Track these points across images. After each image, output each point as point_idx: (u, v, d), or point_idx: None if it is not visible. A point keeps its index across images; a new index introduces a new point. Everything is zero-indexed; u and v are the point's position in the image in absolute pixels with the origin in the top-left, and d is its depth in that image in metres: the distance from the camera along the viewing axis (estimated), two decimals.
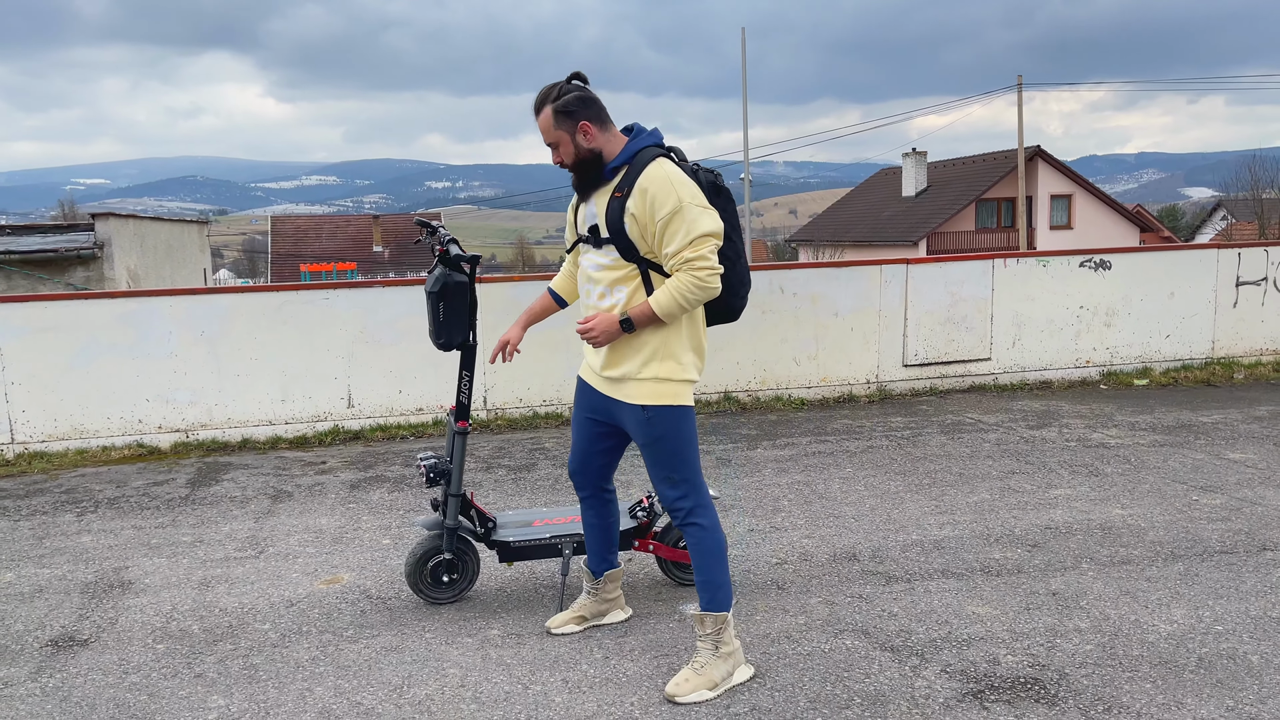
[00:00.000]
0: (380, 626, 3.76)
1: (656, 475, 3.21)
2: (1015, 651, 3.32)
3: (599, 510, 3.58)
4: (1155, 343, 8.54)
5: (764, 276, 7.81)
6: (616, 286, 3.15)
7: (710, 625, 3.18)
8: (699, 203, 3.02)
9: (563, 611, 3.70)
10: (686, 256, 2.99)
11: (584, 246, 3.29)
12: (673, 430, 3.16)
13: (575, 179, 3.20)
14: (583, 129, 3.09)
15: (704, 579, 3.18)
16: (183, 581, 4.33)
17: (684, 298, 3.01)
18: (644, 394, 3.14)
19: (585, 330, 3.15)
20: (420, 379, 7.35)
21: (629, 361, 3.16)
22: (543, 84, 3.22)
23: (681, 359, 3.15)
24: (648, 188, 3.02)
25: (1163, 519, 4.69)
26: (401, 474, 6.09)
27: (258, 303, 7.09)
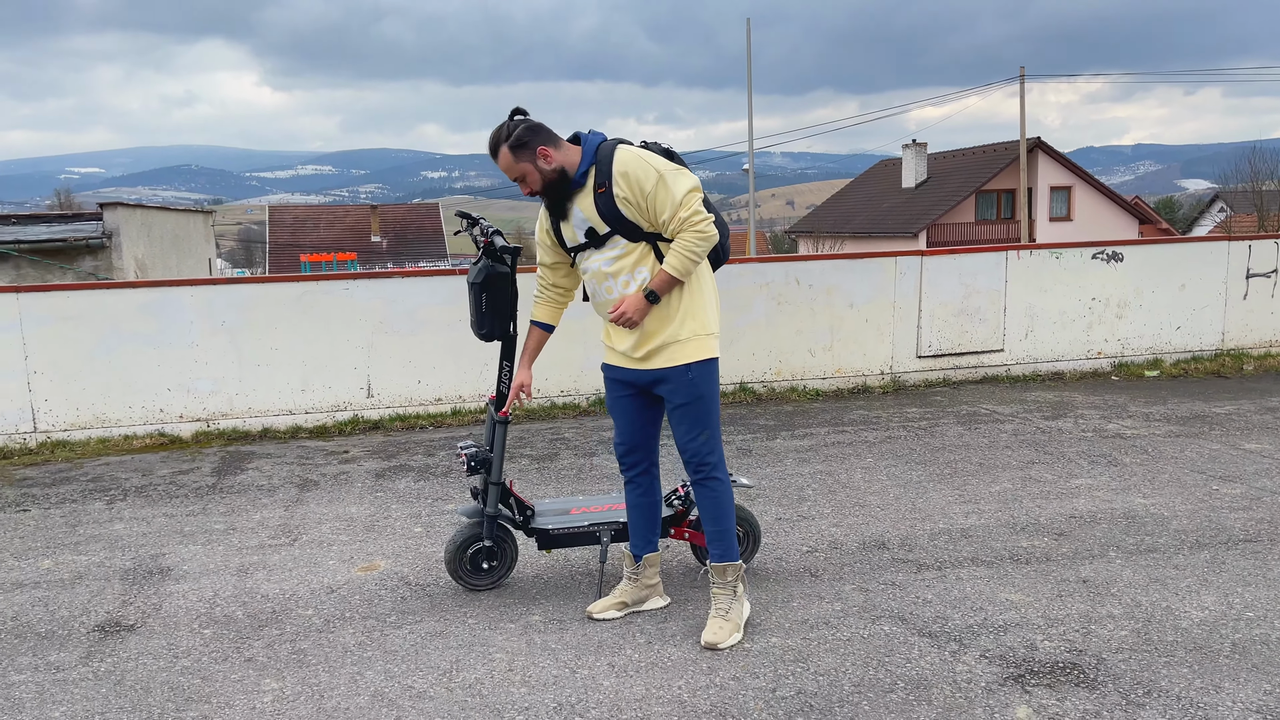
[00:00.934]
0: (422, 612, 3.82)
1: (689, 434, 3.44)
2: (1051, 637, 3.38)
3: (646, 488, 3.69)
4: (1166, 334, 8.61)
5: (780, 268, 7.86)
6: (637, 268, 3.38)
7: (731, 574, 3.50)
8: (671, 168, 3.30)
9: (604, 598, 3.76)
10: (682, 215, 3.26)
11: (585, 254, 3.48)
12: (710, 385, 3.43)
13: (548, 201, 3.43)
14: (541, 154, 3.33)
15: (720, 529, 3.49)
16: (221, 568, 4.38)
17: (692, 252, 3.27)
18: (688, 353, 3.39)
19: (619, 317, 3.35)
20: (439, 369, 7.39)
21: (665, 329, 3.39)
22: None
23: (708, 312, 3.43)
24: (626, 170, 3.27)
25: (1185, 508, 4.76)
26: (425, 463, 6.15)
27: (278, 293, 7.12)
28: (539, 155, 3.33)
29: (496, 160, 3.38)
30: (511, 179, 3.39)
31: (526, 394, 3.74)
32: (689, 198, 3.27)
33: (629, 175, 3.27)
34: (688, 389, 3.41)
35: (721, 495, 3.50)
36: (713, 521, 3.50)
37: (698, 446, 3.46)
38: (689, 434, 3.46)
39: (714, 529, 3.51)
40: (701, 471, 3.48)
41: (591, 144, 3.38)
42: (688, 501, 4.01)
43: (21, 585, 4.25)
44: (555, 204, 3.43)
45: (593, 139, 3.40)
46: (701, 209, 3.28)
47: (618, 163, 3.30)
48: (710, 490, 3.49)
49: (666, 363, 3.41)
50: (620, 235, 3.35)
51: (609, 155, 3.32)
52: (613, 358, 3.59)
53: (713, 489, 3.49)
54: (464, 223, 3.89)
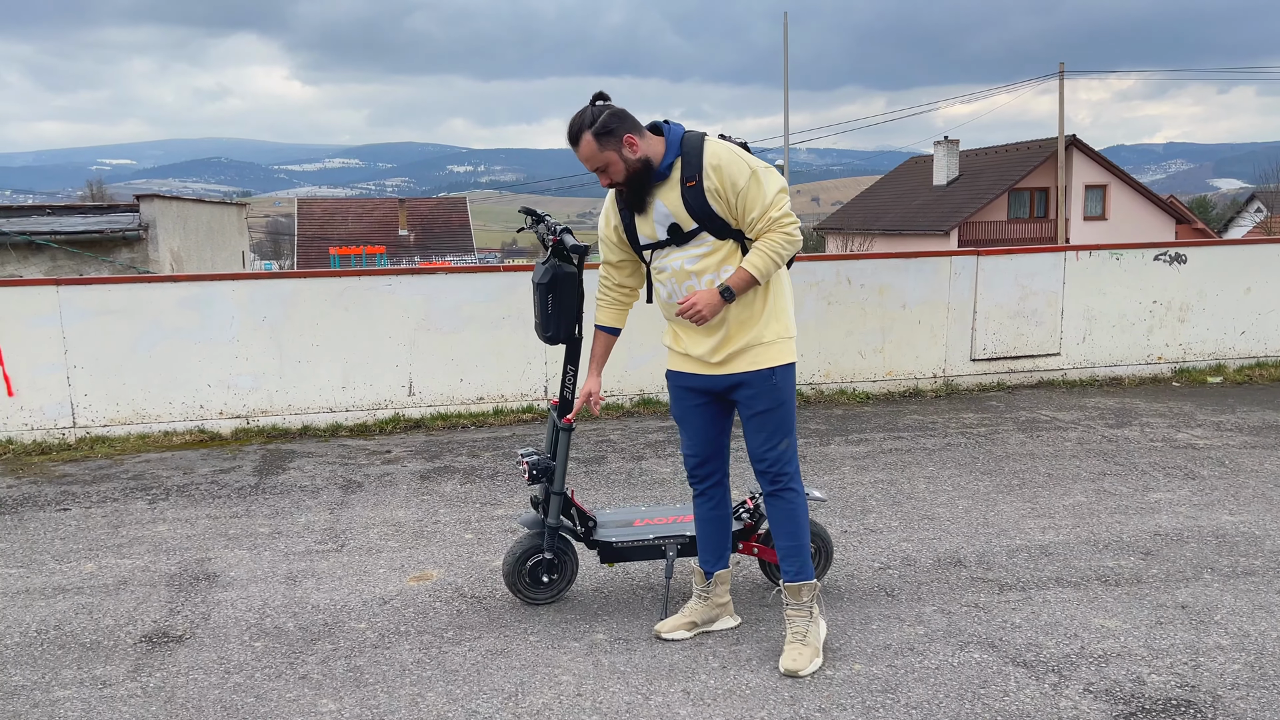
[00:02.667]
0: (480, 628, 3.64)
1: (766, 441, 3.26)
2: (1158, 670, 3.16)
3: (718, 501, 3.51)
4: (1230, 339, 8.31)
5: (830, 267, 7.63)
6: (723, 267, 3.19)
7: (806, 594, 3.30)
8: (761, 164, 3.13)
9: (671, 616, 3.57)
10: (772, 216, 3.10)
11: (663, 252, 3.27)
12: (791, 390, 3.30)
13: (629, 194, 3.21)
14: (628, 142, 3.13)
15: (794, 545, 3.29)
16: (269, 575, 4.22)
17: (777, 254, 3.12)
18: (771, 356, 3.23)
19: (689, 309, 3.15)
20: (481, 368, 7.23)
21: (747, 332, 3.23)
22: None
23: (788, 314, 3.30)
24: (719, 164, 3.09)
25: (1277, 527, 4.51)
26: (470, 465, 5.98)
27: (320, 288, 6.98)
28: (625, 144, 3.12)
29: (576, 148, 3.14)
30: (590, 169, 3.18)
31: (595, 404, 3.55)
32: (779, 197, 3.12)
33: (722, 169, 3.09)
34: (770, 394, 3.24)
35: (797, 508, 3.31)
36: (787, 537, 3.31)
37: (776, 455, 3.28)
38: (767, 442, 3.27)
39: (788, 544, 3.31)
40: (779, 482, 3.29)
41: (676, 134, 3.19)
42: (757, 515, 3.82)
43: (64, 590, 4.11)
44: (635, 198, 3.22)
45: (676, 129, 3.21)
46: (791, 212, 3.14)
47: (709, 155, 3.11)
48: (786, 502, 3.30)
49: (749, 366, 3.23)
50: (708, 232, 3.17)
51: (698, 147, 3.13)
52: (682, 363, 3.38)
53: (789, 500, 3.30)
54: (529, 219, 3.71)
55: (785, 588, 3.33)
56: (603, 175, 3.18)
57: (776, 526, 3.33)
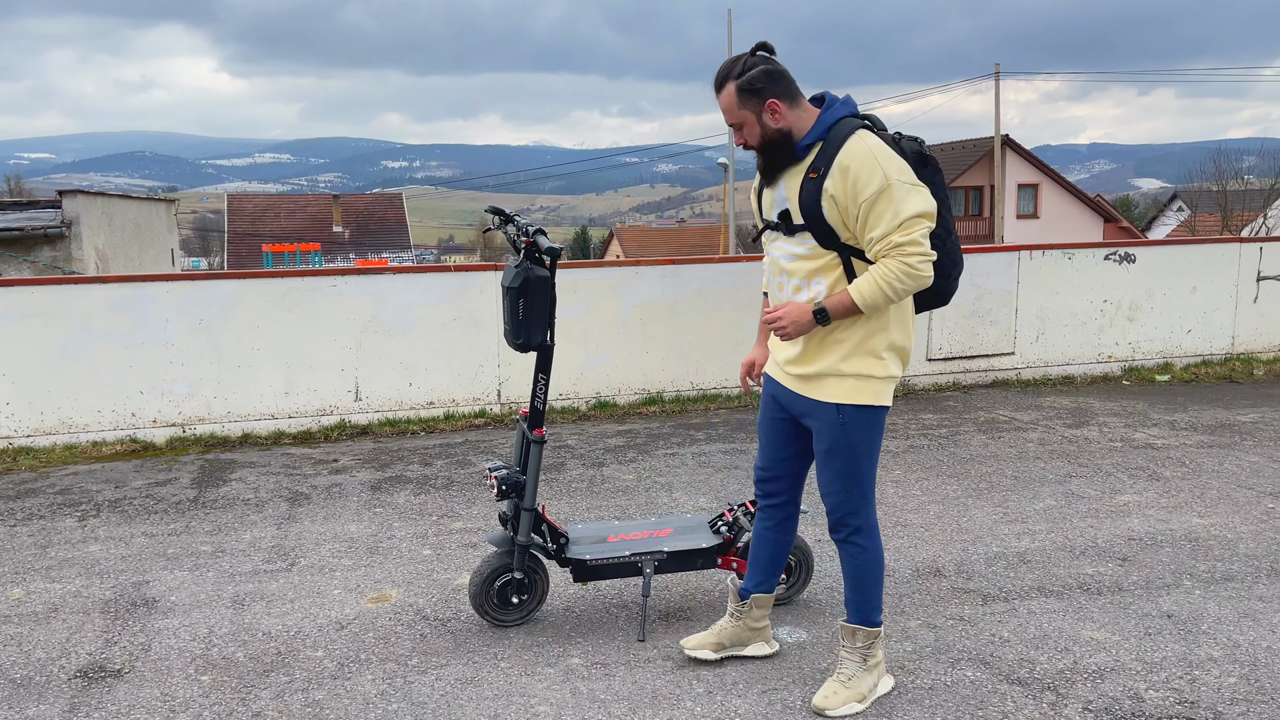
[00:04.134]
0: (446, 654, 3.43)
1: (832, 486, 2.94)
2: (1155, 685, 3.08)
3: (779, 522, 3.22)
4: (1177, 338, 8.41)
5: None
6: (814, 279, 2.85)
7: (862, 640, 3.00)
8: (907, 179, 2.71)
9: (702, 632, 3.35)
10: (895, 241, 2.68)
11: (772, 234, 2.96)
12: (865, 435, 2.89)
13: (761, 161, 2.89)
14: (770, 108, 2.77)
15: (859, 599, 3.00)
16: (213, 599, 3.95)
17: (890, 287, 2.70)
18: (842, 392, 2.85)
19: (773, 321, 2.82)
20: (432, 371, 6.97)
21: (828, 356, 2.87)
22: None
23: (886, 353, 2.87)
24: (849, 165, 2.70)
25: (1247, 529, 4.50)
26: (423, 474, 5.74)
27: (261, 290, 6.66)
28: (767, 108, 2.76)
29: (718, 95, 2.80)
30: (727, 123, 2.84)
31: (757, 374, 3.21)
32: (913, 223, 2.68)
33: (849, 171, 2.69)
34: (834, 433, 2.88)
35: (864, 563, 2.96)
36: (852, 589, 3.01)
37: (838, 502, 2.95)
38: (829, 484, 2.95)
39: (850, 595, 3.02)
40: (839, 531, 2.98)
41: (831, 116, 2.80)
42: (735, 528, 3.66)
43: None
44: (766, 168, 2.88)
45: (834, 111, 2.82)
46: (924, 243, 2.69)
47: (844, 152, 2.71)
48: (850, 555, 2.99)
49: (817, 395, 2.89)
50: (811, 234, 2.80)
51: (841, 138, 2.74)
52: (774, 369, 3.09)
53: (853, 555, 2.98)
54: (496, 219, 3.50)
55: (841, 626, 3.05)
56: (737, 133, 2.83)
57: (844, 572, 3.04)
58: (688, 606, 3.76)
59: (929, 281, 2.73)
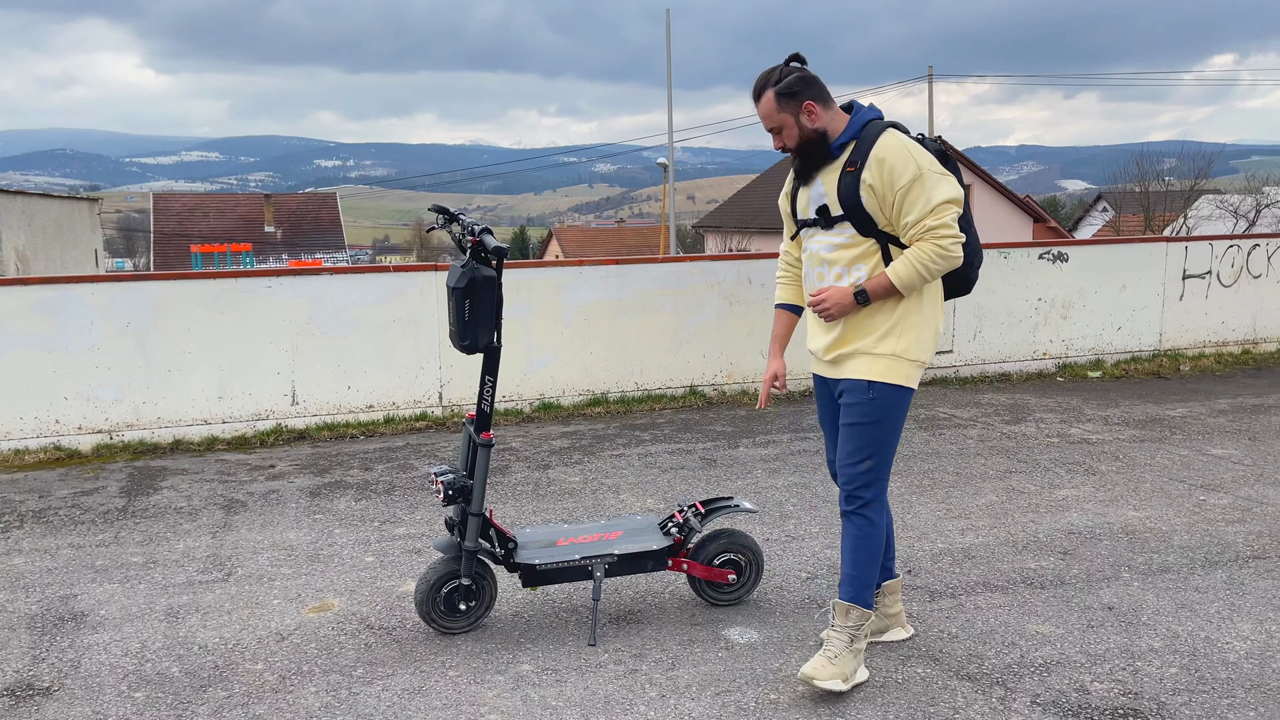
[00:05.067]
0: (392, 663, 3.34)
1: (849, 456, 3.06)
2: (1099, 677, 3.12)
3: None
4: (1108, 335, 8.61)
5: (732, 267, 7.55)
6: (855, 265, 3.04)
7: (854, 619, 3.09)
8: (937, 169, 2.94)
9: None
10: (929, 224, 2.90)
11: (809, 231, 3.14)
12: (891, 414, 3.05)
13: (798, 162, 3.09)
14: (807, 109, 3.00)
15: (856, 574, 3.09)
16: (145, 612, 3.81)
17: (924, 267, 2.92)
18: (875, 369, 3.03)
19: (818, 303, 3.00)
20: (371, 374, 6.84)
21: (861, 338, 3.05)
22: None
23: (919, 336, 3.05)
24: (884, 157, 2.92)
25: (1181, 521, 4.61)
26: (364, 479, 5.62)
27: (192, 291, 6.46)
28: (804, 110, 2.99)
29: (757, 104, 3.03)
30: (767, 128, 3.06)
31: (781, 385, 3.33)
32: (944, 208, 2.91)
33: (885, 162, 2.92)
34: (863, 409, 3.03)
35: (867, 537, 3.07)
36: (850, 564, 3.09)
37: (854, 474, 3.07)
38: (849, 457, 3.07)
39: (848, 572, 3.09)
40: (851, 503, 3.09)
41: (862, 118, 3.04)
42: (685, 529, 3.64)
43: None
44: (802, 169, 3.10)
45: (865, 113, 3.06)
46: (954, 226, 2.91)
47: (879, 145, 2.94)
48: (855, 527, 3.08)
49: (850, 373, 3.07)
50: (851, 223, 3.01)
51: (874, 135, 2.97)
52: (814, 364, 3.29)
53: (859, 527, 3.08)
54: (440, 218, 3.43)
55: (834, 604, 3.12)
56: (776, 137, 3.05)
57: (843, 548, 3.11)
58: (638, 609, 3.73)
59: (959, 262, 2.94)
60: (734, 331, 7.55)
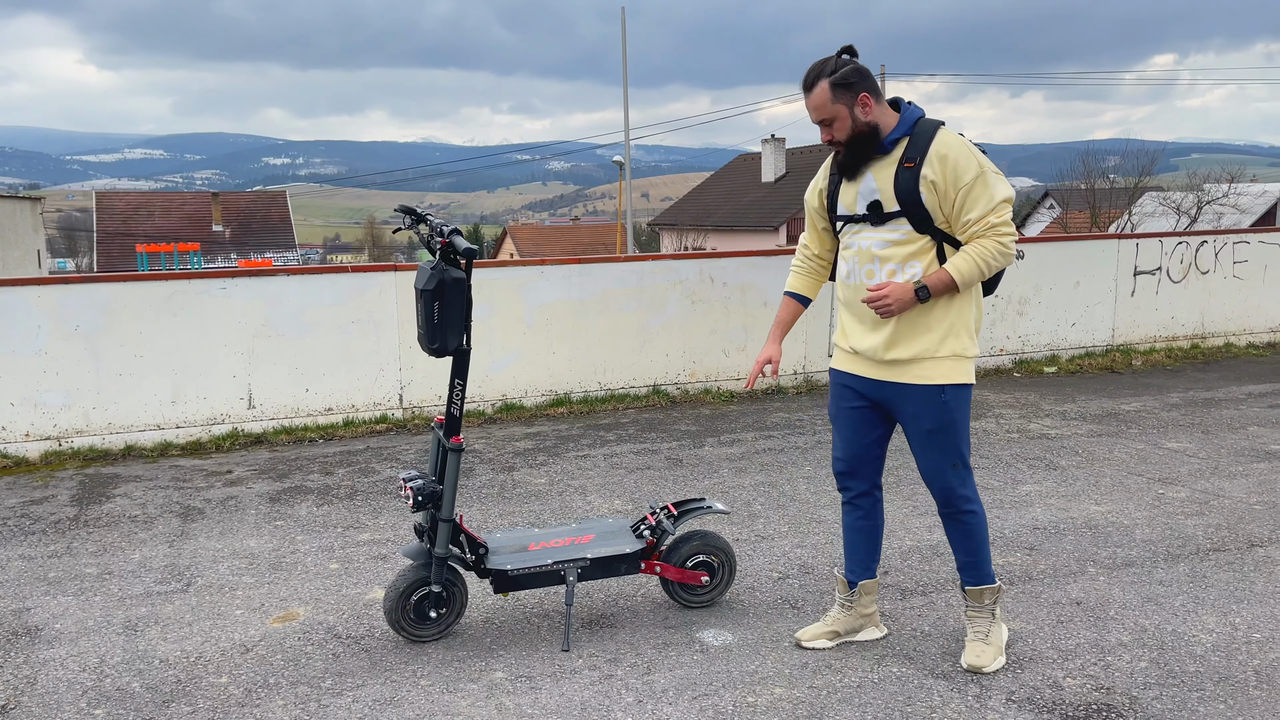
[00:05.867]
0: (362, 673, 3.28)
1: (938, 464, 3.09)
2: (1071, 673, 3.15)
3: (869, 511, 3.31)
4: (1062, 331, 8.75)
5: (694, 265, 7.53)
6: (910, 261, 3.01)
7: (989, 597, 3.20)
8: (993, 168, 2.96)
9: (814, 624, 3.41)
10: (991, 221, 2.92)
11: (855, 227, 3.10)
12: (964, 412, 3.09)
13: (846, 156, 3.03)
14: (862, 101, 2.96)
15: (974, 560, 3.18)
16: (102, 625, 3.69)
17: (985, 263, 2.95)
18: (942, 373, 3.04)
19: (878, 299, 2.94)
20: (329, 376, 6.72)
21: (922, 339, 3.03)
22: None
23: (970, 332, 3.08)
24: (947, 154, 2.92)
25: (1141, 515, 4.68)
26: (325, 484, 5.51)
27: (144, 293, 6.30)
28: (860, 102, 2.96)
29: (809, 94, 2.97)
30: (817, 119, 3.00)
31: (773, 371, 3.29)
32: (1003, 206, 2.94)
33: (948, 159, 2.92)
34: (939, 413, 3.05)
35: (976, 528, 3.16)
36: (965, 553, 3.20)
37: (948, 479, 3.12)
38: (938, 464, 3.11)
39: (966, 560, 3.21)
40: (953, 505, 3.15)
41: (912, 115, 3.03)
42: (658, 532, 3.61)
43: None
44: (850, 163, 3.04)
45: (914, 110, 3.05)
46: (1012, 225, 2.96)
47: (939, 142, 2.94)
48: (963, 524, 3.17)
49: (916, 379, 3.05)
50: (907, 219, 2.98)
51: (930, 132, 2.97)
52: (846, 362, 3.23)
53: (966, 523, 3.16)
54: (406, 219, 3.36)
55: (967, 592, 3.23)
56: (826, 129, 3.01)
57: (954, 542, 3.21)
58: (611, 613, 3.69)
59: (1013, 259, 3.00)
60: (697, 330, 7.54)
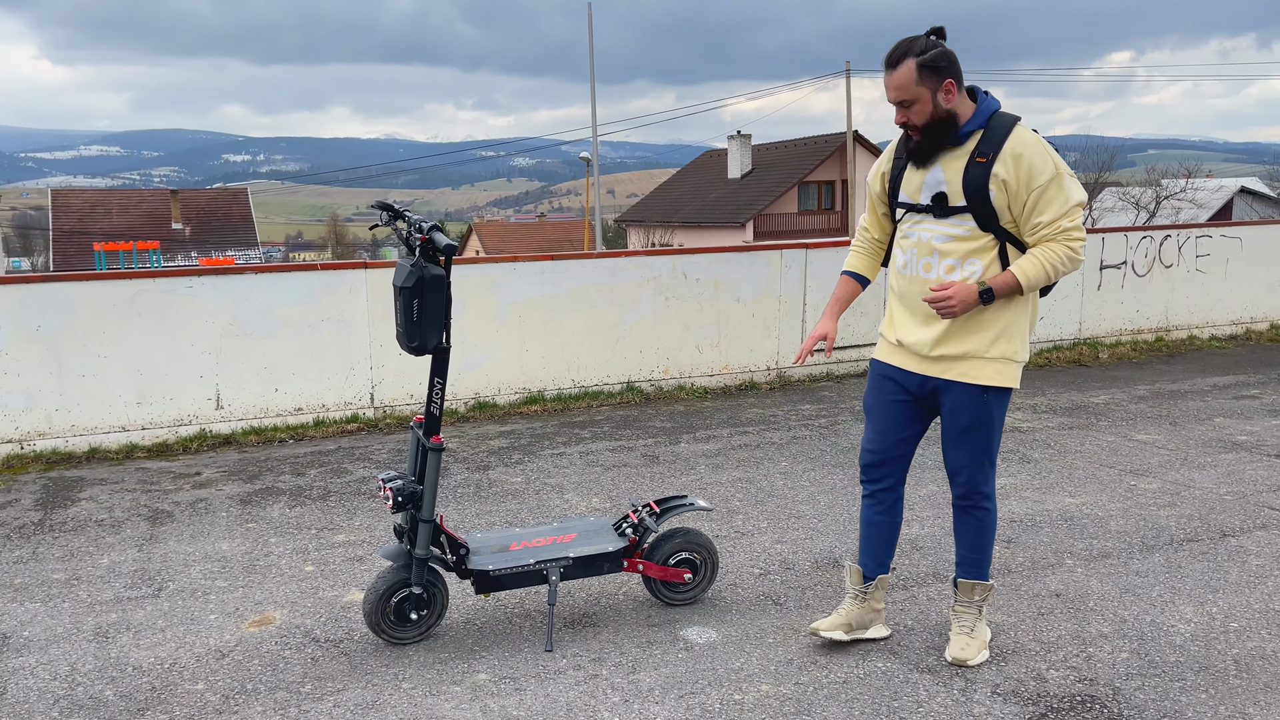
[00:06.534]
0: (343, 678, 3.22)
1: (968, 459, 3.10)
2: (1055, 665, 3.17)
3: (891, 506, 3.30)
4: None
5: (667, 261, 7.51)
6: (970, 259, 2.96)
7: (979, 593, 3.22)
8: (1067, 170, 2.91)
9: (830, 616, 3.37)
10: (1064, 226, 2.86)
11: (916, 217, 3.03)
12: (1000, 414, 3.09)
13: (920, 142, 2.95)
14: (946, 87, 2.88)
15: (978, 556, 3.20)
16: (72, 633, 3.61)
17: (1054, 268, 2.88)
18: (988, 374, 3.02)
19: (942, 299, 2.88)
20: (299, 375, 6.62)
21: (975, 338, 3.00)
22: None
23: (1023, 338, 3.06)
24: (1022, 152, 2.85)
25: (1115, 507, 4.72)
26: (296, 485, 5.43)
27: (108, 292, 6.17)
28: (944, 87, 2.87)
29: (893, 71, 2.87)
30: (897, 100, 2.90)
31: (829, 348, 3.22)
32: (1076, 210, 2.88)
33: (1023, 158, 2.85)
34: (976, 412, 3.06)
35: (987, 524, 3.20)
36: (969, 548, 3.22)
37: (973, 474, 3.15)
38: (968, 460, 3.14)
39: (968, 554, 3.23)
40: (972, 499, 3.19)
41: (989, 107, 2.95)
42: (641, 530, 3.59)
43: None
44: (923, 149, 2.96)
45: (991, 101, 2.97)
46: (1083, 229, 2.90)
47: (1015, 139, 2.87)
48: (976, 519, 3.21)
49: (960, 376, 3.03)
50: (972, 215, 2.92)
51: (1006, 126, 2.90)
52: (889, 354, 3.21)
53: (979, 518, 3.20)
54: (384, 215, 3.31)
55: (960, 585, 3.24)
56: (903, 110, 2.91)
57: (963, 538, 3.23)
58: (593, 612, 3.67)
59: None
60: (670, 327, 7.53)
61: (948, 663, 3.17)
